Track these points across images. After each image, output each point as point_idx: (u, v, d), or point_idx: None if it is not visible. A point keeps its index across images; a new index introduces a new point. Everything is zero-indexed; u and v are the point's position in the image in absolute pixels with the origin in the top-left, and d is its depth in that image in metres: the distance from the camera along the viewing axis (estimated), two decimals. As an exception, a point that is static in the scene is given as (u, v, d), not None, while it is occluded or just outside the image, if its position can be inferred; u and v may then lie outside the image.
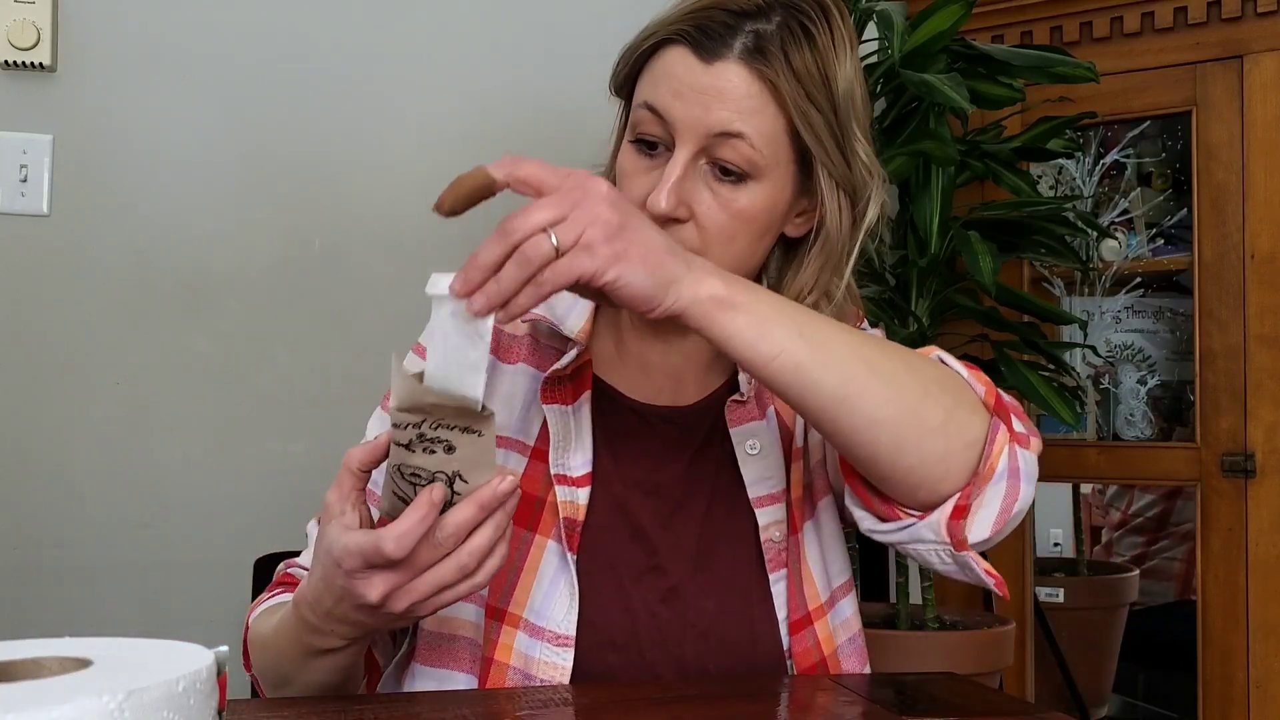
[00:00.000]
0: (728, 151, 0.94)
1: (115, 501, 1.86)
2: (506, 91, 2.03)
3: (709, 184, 0.96)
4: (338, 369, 1.92)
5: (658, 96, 0.96)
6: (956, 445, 0.89)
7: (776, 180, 0.96)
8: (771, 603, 1.01)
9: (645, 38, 0.98)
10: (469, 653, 0.98)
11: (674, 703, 0.90)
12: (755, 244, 0.99)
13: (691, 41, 0.94)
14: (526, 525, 0.99)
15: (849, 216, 1.00)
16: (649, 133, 0.97)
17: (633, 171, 0.98)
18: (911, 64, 1.75)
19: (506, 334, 1.06)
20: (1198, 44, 2.01)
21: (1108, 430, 2.26)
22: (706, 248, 0.95)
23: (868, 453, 0.88)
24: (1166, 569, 2.77)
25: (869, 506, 0.94)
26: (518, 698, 0.91)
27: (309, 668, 0.91)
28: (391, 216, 1.99)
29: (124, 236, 1.88)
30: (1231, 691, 1.95)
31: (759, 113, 0.94)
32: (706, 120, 0.93)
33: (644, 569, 1.00)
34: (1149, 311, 2.27)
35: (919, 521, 0.91)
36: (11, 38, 1.80)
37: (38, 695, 0.45)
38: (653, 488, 1.03)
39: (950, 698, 0.96)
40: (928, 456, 0.88)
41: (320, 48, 1.97)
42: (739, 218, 0.96)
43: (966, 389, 0.92)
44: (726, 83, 0.93)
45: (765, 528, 1.02)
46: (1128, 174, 2.30)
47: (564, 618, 0.97)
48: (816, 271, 1.01)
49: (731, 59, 0.93)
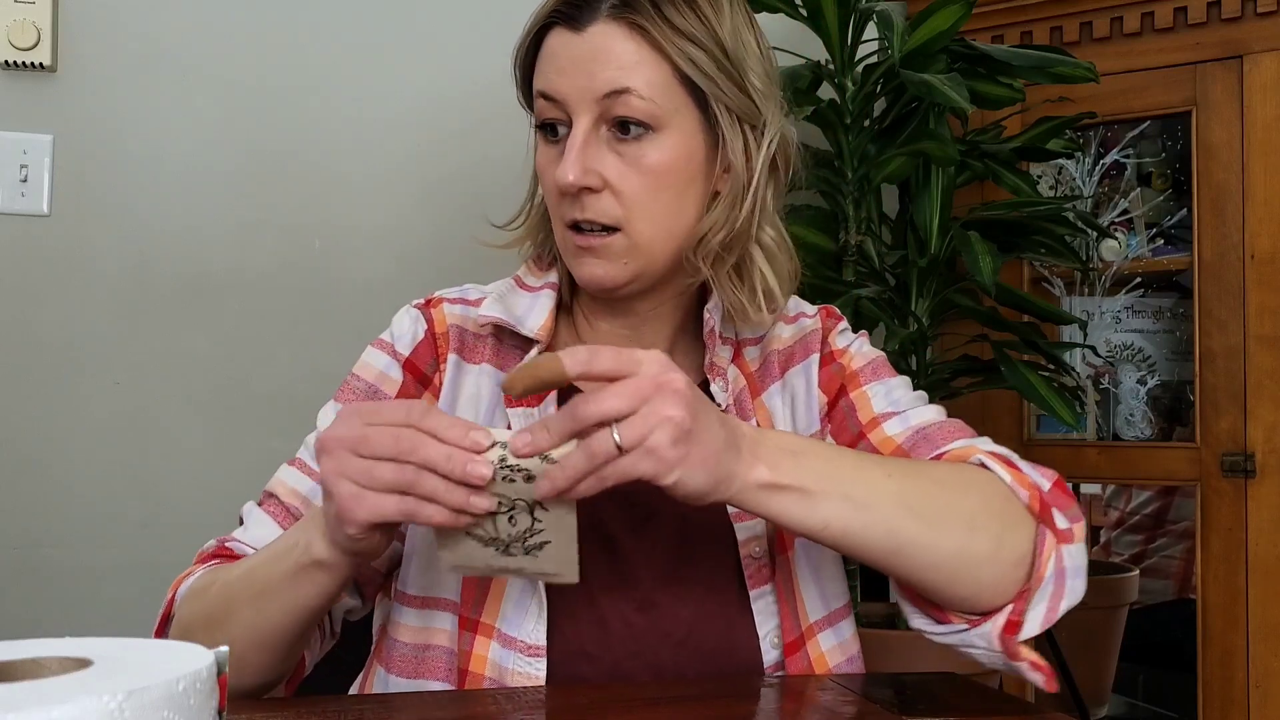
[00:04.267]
0: (620, 108, 0.95)
1: (115, 501, 1.86)
2: (503, 90, 2.02)
3: (613, 148, 0.97)
4: (338, 369, 1.92)
5: (545, 81, 0.98)
6: (1006, 567, 0.91)
7: (681, 128, 0.97)
8: (752, 618, 0.99)
9: (525, 35, 1.01)
10: (445, 663, 0.97)
11: (672, 702, 0.89)
12: (680, 198, 0.98)
13: (563, 18, 0.97)
14: None
15: (753, 146, 1.00)
16: (549, 117, 0.99)
17: (545, 163, 1.01)
18: (911, 64, 1.75)
19: (470, 333, 1.05)
20: (1198, 44, 2.01)
21: (1108, 430, 2.26)
22: (629, 212, 0.97)
23: (922, 588, 0.92)
24: (1165, 567, 2.77)
25: (921, 610, 0.96)
26: (514, 698, 0.90)
27: (284, 594, 0.87)
28: (391, 217, 1.99)
29: (124, 236, 1.88)
30: (1231, 691, 1.95)
31: (642, 64, 0.95)
32: (592, 86, 0.95)
33: (615, 579, 0.99)
34: (1149, 311, 2.27)
35: (971, 629, 0.93)
36: (11, 38, 1.80)
37: (38, 695, 0.45)
38: (622, 495, 0.97)
39: (950, 698, 0.96)
40: (981, 584, 0.91)
41: (319, 47, 1.97)
42: (652, 173, 0.96)
43: (1012, 501, 0.92)
44: (601, 42, 0.95)
45: (744, 543, 1.01)
46: (1128, 174, 2.30)
47: (533, 628, 0.95)
48: (728, 209, 1.00)
49: (601, 20, 0.95)
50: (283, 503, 1.03)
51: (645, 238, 0.98)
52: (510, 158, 2.05)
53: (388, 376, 1.04)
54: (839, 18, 1.82)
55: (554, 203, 1.01)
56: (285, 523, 1.01)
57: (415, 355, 1.04)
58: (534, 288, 1.07)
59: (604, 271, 0.99)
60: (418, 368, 1.04)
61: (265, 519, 1.02)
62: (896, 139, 1.83)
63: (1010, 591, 0.91)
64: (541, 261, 1.10)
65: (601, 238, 0.98)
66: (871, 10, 1.83)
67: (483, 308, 1.04)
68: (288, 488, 1.03)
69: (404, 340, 1.05)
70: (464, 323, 1.06)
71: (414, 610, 1.00)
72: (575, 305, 1.09)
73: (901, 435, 1.02)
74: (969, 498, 0.91)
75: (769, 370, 1.09)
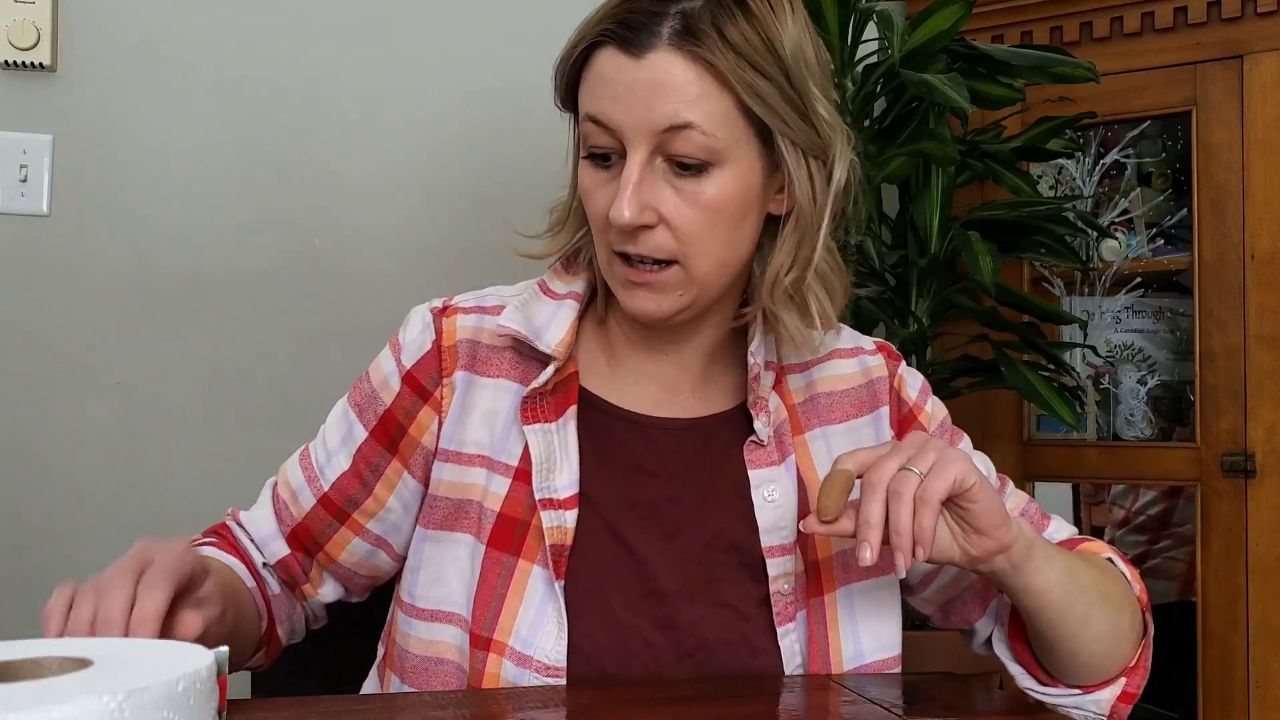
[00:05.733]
0: (681, 144, 0.90)
1: (115, 501, 1.85)
2: (503, 90, 2.03)
3: (670, 182, 0.92)
4: (338, 369, 1.92)
5: (598, 106, 0.92)
6: (1129, 647, 1.02)
7: (740, 161, 0.93)
8: (778, 650, 0.98)
9: (573, 46, 0.95)
10: (454, 677, 0.96)
11: (675, 702, 0.89)
12: (735, 231, 0.95)
13: (618, 39, 0.90)
14: (509, 550, 0.96)
15: (821, 180, 0.96)
16: (599, 145, 0.93)
17: (593, 187, 0.95)
18: (911, 64, 1.74)
19: (484, 345, 1.02)
20: (1198, 44, 2.01)
21: (1108, 430, 2.25)
22: (685, 246, 0.93)
23: (1076, 656, 0.99)
24: (1168, 569, 2.76)
25: (1032, 672, 1.04)
26: (517, 697, 0.90)
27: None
28: (391, 216, 1.99)
29: (124, 237, 1.88)
30: (1231, 691, 1.95)
31: (704, 97, 0.89)
32: (651, 118, 0.89)
33: (638, 593, 0.97)
34: (1149, 311, 2.27)
35: (1084, 695, 1.02)
36: (11, 38, 1.80)
37: (38, 695, 0.45)
38: (647, 507, 0.99)
39: (950, 698, 0.96)
40: (1116, 659, 1.01)
41: (320, 47, 1.97)
42: (709, 209, 0.92)
43: (1129, 592, 1.03)
44: (662, 74, 0.89)
45: (775, 579, 0.99)
46: (1128, 174, 2.30)
47: (553, 647, 0.94)
48: (794, 247, 0.97)
49: (661, 48, 0.89)
50: (278, 494, 1.07)
51: (701, 271, 0.95)
52: (511, 159, 2.06)
53: (389, 384, 1.03)
54: (839, 17, 1.82)
55: (600, 228, 0.96)
56: (279, 512, 1.06)
57: (417, 368, 1.02)
58: (558, 295, 1.03)
59: (655, 305, 0.96)
60: (418, 381, 1.02)
61: (267, 504, 1.07)
62: (896, 139, 1.83)
63: (1121, 666, 1.02)
64: (570, 266, 1.05)
65: (655, 272, 0.94)
66: (871, 10, 1.83)
67: (502, 317, 1.00)
68: (284, 480, 1.07)
69: (410, 349, 1.03)
70: (478, 335, 1.02)
71: (423, 623, 0.99)
72: (610, 318, 1.05)
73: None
74: (1117, 587, 1.02)
75: (816, 408, 1.06)
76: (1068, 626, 0.96)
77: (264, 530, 1.06)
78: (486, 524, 0.97)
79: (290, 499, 1.05)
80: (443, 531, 0.99)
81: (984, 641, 1.09)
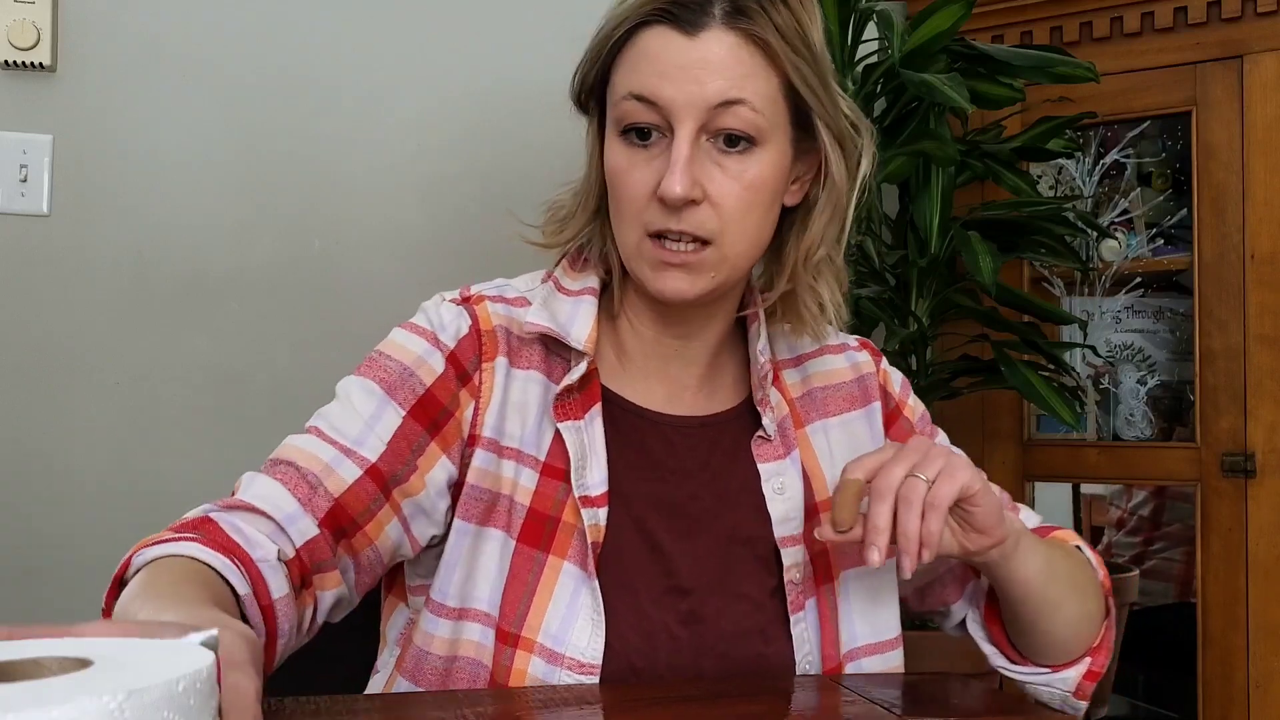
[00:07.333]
0: (730, 119, 0.92)
1: (115, 501, 1.85)
2: (503, 90, 2.03)
3: (715, 160, 0.93)
4: (338, 369, 1.92)
5: (643, 83, 0.92)
6: (1095, 628, 1.08)
7: (778, 144, 0.95)
8: (790, 639, 1.00)
9: (617, 25, 0.95)
10: (469, 673, 0.94)
11: (675, 702, 0.89)
12: (766, 215, 0.97)
13: (670, 17, 0.92)
14: (539, 546, 0.96)
15: (844, 168, 0.99)
16: (641, 121, 0.93)
17: (629, 166, 0.95)
18: (911, 64, 1.75)
19: (516, 337, 1.00)
20: (1198, 44, 2.01)
21: (1108, 430, 2.26)
22: (725, 226, 0.94)
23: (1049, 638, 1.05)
24: (1166, 570, 2.76)
25: (1005, 652, 1.09)
26: (516, 698, 0.90)
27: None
28: (391, 216, 1.99)
29: (124, 236, 1.88)
30: (1231, 691, 1.95)
31: (755, 75, 0.92)
32: (703, 94, 0.91)
33: (663, 589, 0.98)
34: (1149, 311, 2.27)
35: (1053, 673, 1.07)
36: (11, 38, 1.80)
37: (38, 695, 0.45)
38: (668, 502, 1.00)
39: (950, 698, 0.96)
40: (1084, 640, 1.07)
41: (319, 47, 1.97)
42: (751, 188, 0.94)
43: (1095, 577, 1.09)
44: (715, 52, 0.91)
45: (788, 569, 1.01)
46: (1128, 174, 2.30)
47: (588, 645, 0.93)
48: (824, 225, 1.00)
49: (715, 26, 0.91)
50: (299, 468, 0.93)
51: (735, 251, 0.96)
52: (511, 158, 2.06)
53: (426, 363, 0.97)
54: (839, 17, 1.82)
55: (635, 209, 0.95)
56: (299, 489, 0.92)
57: (459, 350, 0.98)
58: (573, 291, 1.02)
59: (688, 285, 0.96)
60: (460, 363, 0.98)
61: (278, 484, 0.92)
62: (897, 139, 1.83)
63: (1087, 647, 1.08)
64: (578, 262, 1.05)
65: (691, 253, 0.95)
66: (871, 10, 1.83)
67: (530, 315, 1.00)
68: (306, 453, 0.94)
69: (447, 331, 0.99)
70: (510, 324, 1.01)
71: (450, 621, 0.96)
72: (621, 310, 1.05)
73: None
74: (1085, 573, 1.08)
75: (814, 402, 1.08)
76: (1043, 611, 1.02)
77: (288, 507, 0.91)
78: (517, 519, 0.97)
79: (323, 472, 0.93)
80: (483, 527, 0.97)
81: (958, 624, 1.14)
